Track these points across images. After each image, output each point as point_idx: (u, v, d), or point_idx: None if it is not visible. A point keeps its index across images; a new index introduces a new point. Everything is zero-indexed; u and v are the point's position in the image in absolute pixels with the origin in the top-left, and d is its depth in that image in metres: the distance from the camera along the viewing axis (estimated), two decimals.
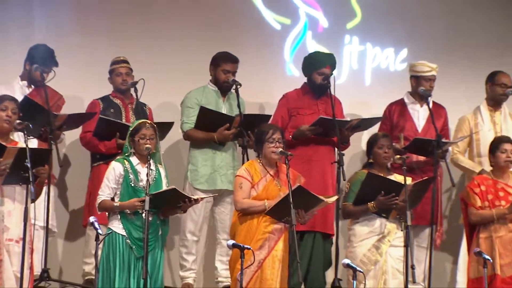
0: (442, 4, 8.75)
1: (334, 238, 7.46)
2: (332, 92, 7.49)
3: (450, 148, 7.76)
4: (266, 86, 8.36)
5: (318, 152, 7.54)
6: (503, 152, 6.88)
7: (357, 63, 8.61)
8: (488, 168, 7.37)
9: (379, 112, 7.96)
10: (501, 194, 6.88)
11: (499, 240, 6.79)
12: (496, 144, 6.95)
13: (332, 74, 7.60)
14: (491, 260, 6.54)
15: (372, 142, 7.03)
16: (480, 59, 8.63)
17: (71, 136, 7.70)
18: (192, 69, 8.13)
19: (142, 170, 6.42)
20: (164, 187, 6.43)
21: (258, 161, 6.66)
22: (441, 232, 7.73)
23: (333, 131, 7.39)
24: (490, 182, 6.92)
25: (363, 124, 7.65)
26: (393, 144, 7.26)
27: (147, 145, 6.37)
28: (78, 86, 7.92)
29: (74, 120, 7.39)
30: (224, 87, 7.70)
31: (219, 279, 7.65)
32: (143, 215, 6.27)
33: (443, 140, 7.55)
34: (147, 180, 6.28)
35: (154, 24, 8.25)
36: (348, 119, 7.56)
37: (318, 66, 7.59)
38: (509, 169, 7.01)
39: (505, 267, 6.74)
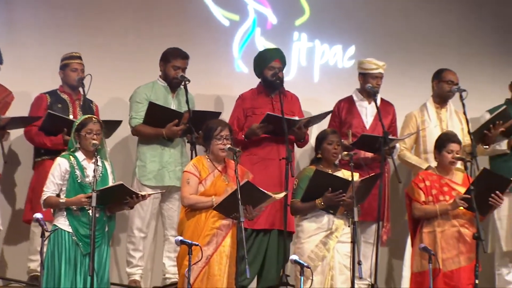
0: (389, 2, 8.82)
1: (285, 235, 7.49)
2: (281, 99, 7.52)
3: (397, 145, 7.82)
4: (215, 83, 8.35)
5: (275, 151, 7.56)
6: (449, 152, 6.94)
7: (305, 60, 8.65)
8: (434, 164, 7.44)
9: (328, 109, 7.99)
10: (445, 189, 6.94)
11: (441, 235, 6.85)
12: (443, 142, 6.99)
13: (283, 68, 7.63)
14: (436, 255, 6.60)
15: (321, 138, 7.06)
16: (427, 56, 8.72)
17: (17, 131, 7.60)
18: (141, 66, 8.10)
19: (88, 166, 6.37)
20: (111, 183, 6.39)
21: (206, 157, 6.66)
22: (387, 228, 7.80)
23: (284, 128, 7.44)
24: (434, 178, 6.98)
25: (314, 120, 7.70)
26: (342, 140, 7.32)
27: (94, 141, 6.32)
28: (26, 81, 7.82)
29: (17, 122, 7.31)
30: (174, 83, 7.69)
31: (167, 275, 7.63)
32: (90, 211, 6.23)
33: (390, 136, 7.61)
34: (94, 176, 6.23)
35: (103, 19, 8.19)
36: (297, 118, 7.58)
37: (267, 62, 7.65)
38: (454, 167, 7.09)
39: (447, 261, 6.80)
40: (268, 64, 7.64)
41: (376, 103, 7.69)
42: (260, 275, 7.46)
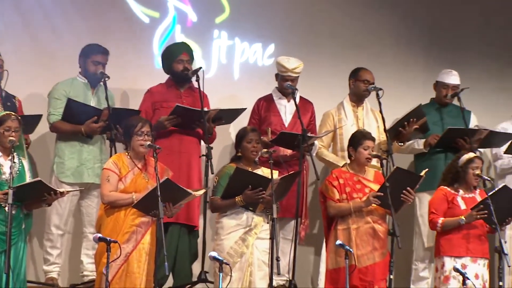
0: (309, 1, 8.90)
1: (201, 231, 7.50)
2: (201, 87, 7.52)
3: (316, 142, 7.90)
4: (135, 79, 8.30)
5: (183, 144, 7.58)
6: (366, 149, 7.05)
7: (225, 58, 8.64)
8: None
9: (248, 107, 8.03)
10: (358, 186, 7.05)
11: (356, 232, 6.94)
12: (359, 139, 7.09)
13: (191, 61, 7.64)
14: (352, 252, 6.70)
15: (241, 136, 7.10)
16: (345, 55, 8.81)
17: None
18: (61, 61, 8.01)
19: (5, 163, 6.31)
20: (28, 180, 6.31)
21: (126, 154, 6.64)
22: (305, 225, 7.86)
23: (193, 122, 7.44)
24: (347, 175, 7.08)
25: (226, 116, 7.70)
26: (261, 138, 7.35)
27: (11, 137, 6.25)
28: None
29: None
30: (93, 79, 7.63)
31: (85, 273, 7.58)
32: (6, 208, 6.15)
33: (309, 134, 7.67)
34: (11, 172, 6.15)
35: (23, 14, 8.06)
36: (206, 109, 7.59)
37: (175, 55, 7.66)
38: (369, 164, 7.20)
39: (361, 258, 6.90)
40: (176, 58, 7.65)
41: (295, 101, 7.75)
42: (172, 271, 7.45)
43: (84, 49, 7.66)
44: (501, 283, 6.68)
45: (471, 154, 7.17)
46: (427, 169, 7.06)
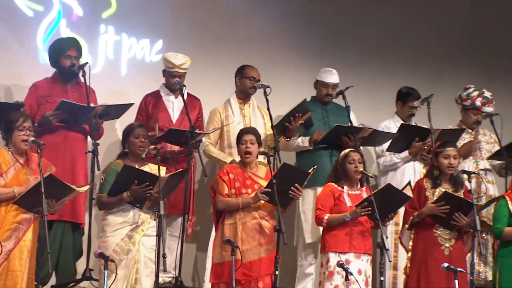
0: None
1: (86, 228, 7.40)
2: (88, 82, 7.42)
3: (204, 139, 7.91)
4: (19, 73, 8.13)
5: (69, 140, 7.47)
6: (243, 143, 7.12)
7: (113, 53, 8.55)
8: (238, 158, 7.59)
9: (136, 102, 7.97)
10: (248, 182, 7.09)
11: (242, 227, 6.98)
12: (239, 136, 7.17)
13: (79, 57, 7.53)
14: (239, 247, 6.73)
15: (127, 132, 7.07)
16: (233, 52, 8.84)
17: None
18: None
19: None
20: None
21: (7, 149, 6.51)
22: (193, 222, 7.87)
23: (79, 118, 7.32)
24: (238, 171, 7.12)
25: (112, 112, 7.63)
26: (149, 134, 7.32)
27: None
28: None
29: None
30: None
31: None
32: None
33: (197, 131, 7.68)
34: None
35: None
36: (92, 105, 7.50)
37: (63, 50, 7.57)
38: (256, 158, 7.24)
39: (247, 253, 6.93)
40: (64, 53, 7.55)
41: (183, 98, 7.74)
42: (56, 269, 7.33)
43: None
44: (382, 278, 6.82)
45: (346, 150, 7.31)
46: (315, 166, 7.15)
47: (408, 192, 7.31)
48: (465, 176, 7.40)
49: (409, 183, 7.48)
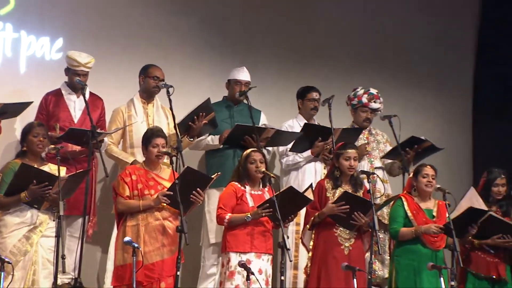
0: None
1: None
2: None
3: (105, 139, 7.83)
4: None
5: None
6: (155, 146, 7.07)
7: (11, 51, 8.36)
8: (140, 158, 7.54)
9: (36, 101, 7.83)
10: (151, 183, 7.05)
11: (145, 228, 6.94)
12: (149, 138, 7.08)
13: None
14: (140, 248, 6.68)
15: (26, 131, 7.00)
16: (136, 51, 8.78)
17: None
18: None
19: None
20: None
21: None
22: (93, 222, 7.80)
23: None
24: (142, 172, 7.07)
25: (10, 110, 7.49)
26: (49, 133, 7.25)
27: None
28: None
29: None
30: None
31: None
32: None
33: (99, 130, 7.60)
34: None
35: None
36: None
37: None
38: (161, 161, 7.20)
39: (148, 254, 6.89)
40: None
41: (84, 97, 7.65)
42: None
43: None
44: (282, 278, 6.88)
45: (248, 150, 7.35)
46: (219, 173, 7.16)
47: (310, 194, 7.39)
48: (364, 176, 7.53)
49: (310, 185, 7.57)
